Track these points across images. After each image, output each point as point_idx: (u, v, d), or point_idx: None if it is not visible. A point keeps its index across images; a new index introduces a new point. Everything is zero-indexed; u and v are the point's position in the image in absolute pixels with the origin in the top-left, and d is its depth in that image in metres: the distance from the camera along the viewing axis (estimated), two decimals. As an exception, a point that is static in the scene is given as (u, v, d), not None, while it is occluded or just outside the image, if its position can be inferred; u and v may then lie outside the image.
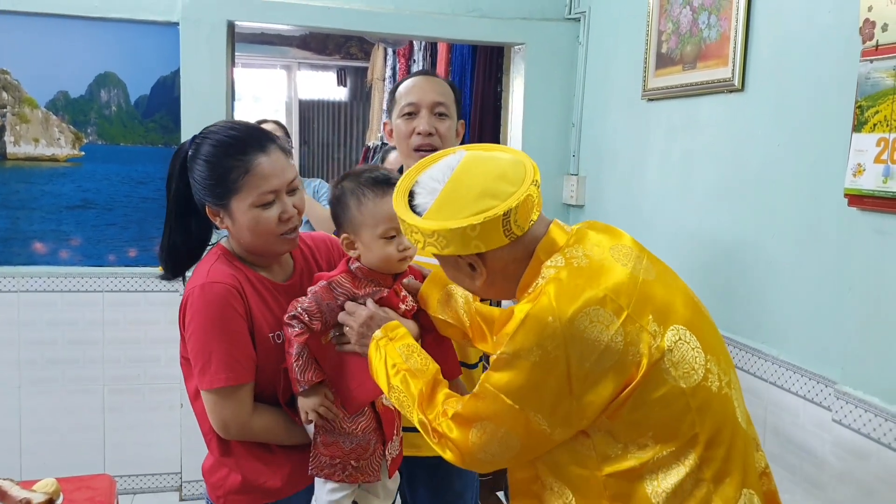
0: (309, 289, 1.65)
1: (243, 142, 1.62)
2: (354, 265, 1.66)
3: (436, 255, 1.38)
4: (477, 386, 1.33)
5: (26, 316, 3.19)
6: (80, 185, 3.23)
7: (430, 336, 1.71)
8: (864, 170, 1.76)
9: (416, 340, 1.61)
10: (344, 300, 1.62)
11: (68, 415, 3.26)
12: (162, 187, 3.36)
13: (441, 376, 1.50)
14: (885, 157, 1.71)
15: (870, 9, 1.75)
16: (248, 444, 1.67)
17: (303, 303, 1.61)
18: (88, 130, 3.23)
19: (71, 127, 3.21)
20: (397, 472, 1.80)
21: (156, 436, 3.34)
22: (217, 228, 1.70)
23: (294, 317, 1.59)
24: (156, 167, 3.27)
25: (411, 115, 2.01)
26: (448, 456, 1.37)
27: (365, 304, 1.63)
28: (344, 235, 1.66)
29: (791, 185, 2.13)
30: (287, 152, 1.68)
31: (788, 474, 2.11)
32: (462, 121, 2.11)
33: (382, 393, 1.56)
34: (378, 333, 1.54)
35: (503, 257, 1.36)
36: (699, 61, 2.52)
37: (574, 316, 1.23)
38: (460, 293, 1.72)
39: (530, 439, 1.30)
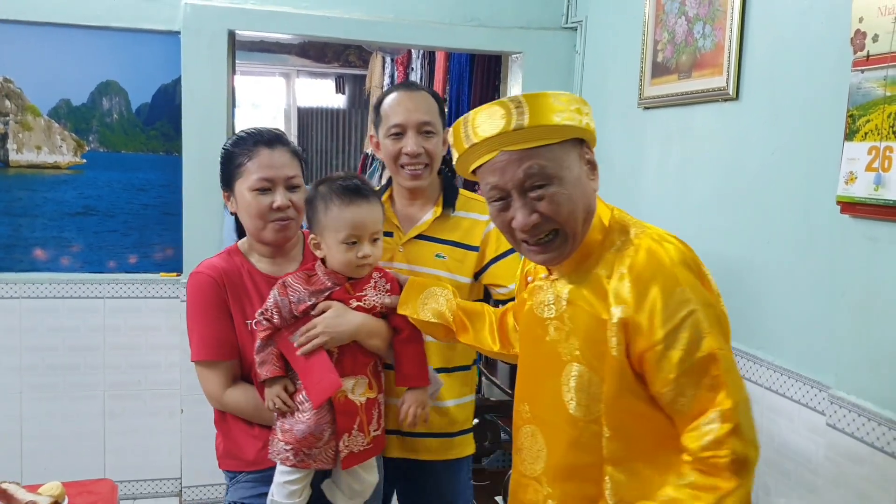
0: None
1: (255, 137, 1.87)
2: (319, 265, 1.80)
3: (548, 157, 1.33)
4: (700, 373, 1.25)
5: (28, 322, 3.21)
6: (81, 193, 3.26)
7: (400, 337, 1.82)
8: (856, 178, 1.79)
9: (387, 341, 1.77)
10: (297, 297, 1.74)
11: (69, 420, 3.28)
12: (163, 194, 3.40)
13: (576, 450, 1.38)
14: (876, 165, 1.74)
15: (861, 20, 1.78)
16: (233, 417, 1.88)
17: (267, 301, 1.75)
18: (90, 138, 3.26)
19: (73, 135, 3.24)
20: (371, 477, 1.84)
21: (156, 441, 3.36)
22: (232, 214, 1.93)
23: (259, 313, 1.75)
24: (157, 174, 3.30)
25: (398, 135, 2.04)
26: (751, 470, 1.25)
27: (315, 302, 1.74)
28: (312, 236, 1.79)
29: (785, 192, 2.16)
30: (297, 155, 1.90)
31: (784, 478, 2.13)
32: (448, 129, 2.13)
33: (341, 387, 1.69)
34: None
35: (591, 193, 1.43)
36: (694, 70, 2.55)
37: (691, 251, 1.39)
38: (442, 294, 1.82)
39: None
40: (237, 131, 1.97)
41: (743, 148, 2.34)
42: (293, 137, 7.88)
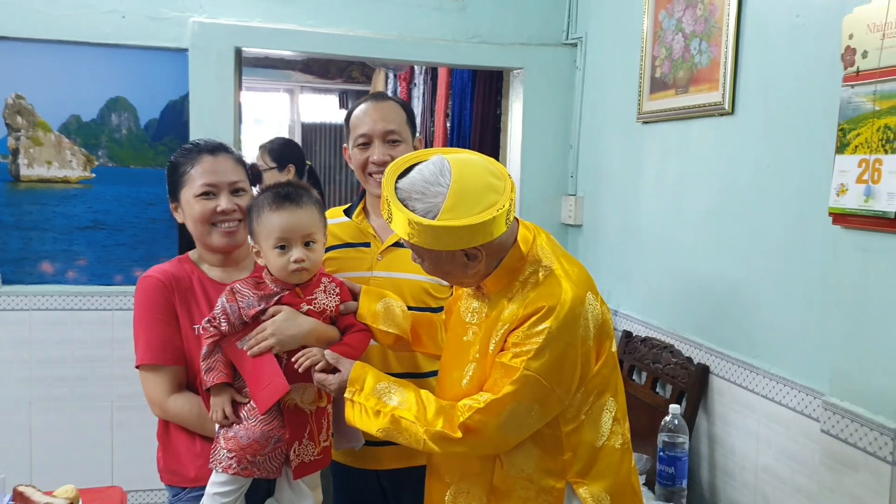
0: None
1: (198, 146, 1.94)
2: (266, 272, 1.80)
3: (426, 250, 1.54)
4: (505, 374, 1.54)
5: (37, 334, 3.25)
6: (90, 207, 3.31)
7: (352, 331, 1.84)
8: (847, 190, 1.84)
9: (334, 342, 1.79)
10: (246, 302, 1.74)
11: (78, 431, 3.31)
12: (170, 208, 3.43)
13: (425, 390, 1.68)
14: (866, 177, 1.79)
15: (851, 37, 1.84)
16: (176, 430, 1.86)
17: (215, 307, 1.75)
18: (99, 153, 3.32)
19: (83, 150, 3.29)
20: (316, 495, 1.84)
21: (163, 452, 3.39)
22: (180, 224, 1.97)
23: (207, 320, 1.74)
24: (164, 189, 3.31)
25: (365, 144, 2.09)
26: (474, 445, 1.58)
27: (265, 307, 1.76)
28: (251, 244, 1.81)
29: (779, 203, 2.21)
30: (241, 162, 1.95)
31: (781, 484, 2.17)
32: (420, 137, 2.18)
33: (288, 390, 1.69)
34: (346, 394, 1.66)
35: (497, 242, 1.55)
36: (691, 86, 2.61)
37: (584, 299, 1.57)
38: (397, 305, 1.91)
39: (549, 408, 1.56)
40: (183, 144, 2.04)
41: (738, 161, 2.39)
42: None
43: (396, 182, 1.55)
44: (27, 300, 3.23)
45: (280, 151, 3.70)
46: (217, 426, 1.75)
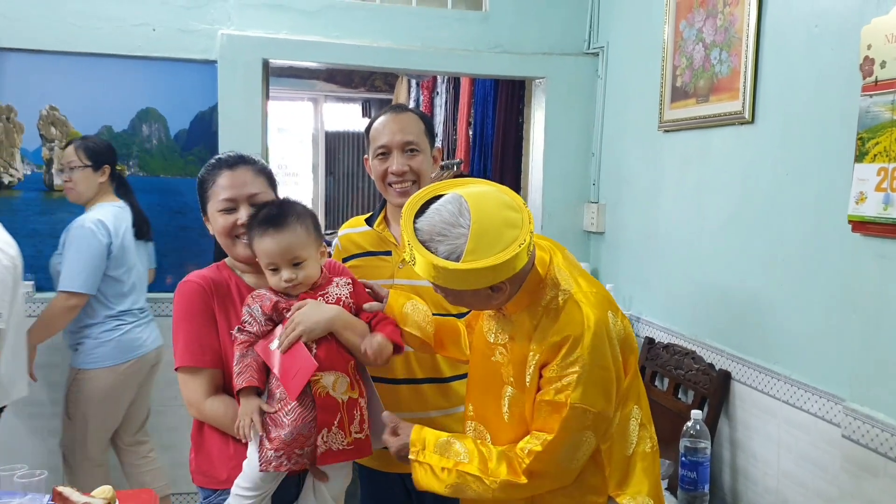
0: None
1: (220, 161, 1.96)
2: None
3: (450, 289, 1.59)
4: (553, 411, 1.57)
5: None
6: (122, 215, 3.39)
7: (376, 319, 1.89)
8: (866, 198, 1.86)
9: (362, 336, 1.82)
10: (265, 299, 1.81)
11: (108, 435, 3.38)
12: (200, 216, 3.49)
13: (481, 441, 1.71)
14: (885, 185, 1.81)
15: (869, 47, 1.86)
16: (210, 432, 1.88)
17: (242, 315, 1.82)
18: (130, 163, 3.40)
19: (114, 160, 3.38)
20: (337, 482, 1.88)
21: (191, 455, 3.44)
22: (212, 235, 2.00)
23: (237, 328, 1.81)
24: (194, 198, 3.31)
25: (384, 155, 2.14)
26: (541, 486, 1.62)
27: (284, 301, 1.82)
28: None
29: (798, 211, 2.23)
30: (262, 172, 1.97)
31: (801, 489, 2.19)
32: (439, 147, 2.22)
33: (316, 367, 1.73)
34: (411, 455, 1.69)
35: (521, 273, 1.58)
36: (712, 95, 2.64)
37: (606, 320, 1.59)
38: (422, 308, 1.94)
39: (600, 430, 1.60)
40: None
41: (758, 169, 2.42)
42: (321, 161, 8.03)
43: (415, 222, 1.58)
44: (60, 306, 3.30)
45: (97, 150, 3.18)
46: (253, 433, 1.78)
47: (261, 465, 1.74)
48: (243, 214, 1.89)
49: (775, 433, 2.29)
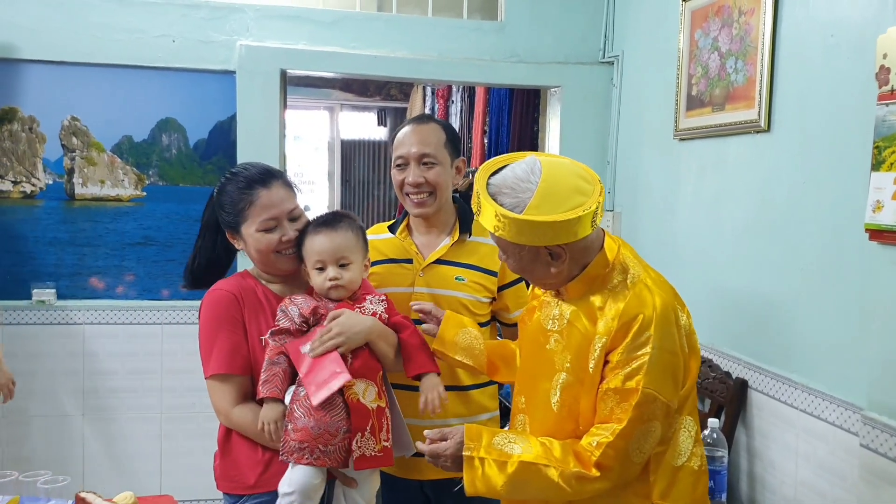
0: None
1: (250, 178, 1.94)
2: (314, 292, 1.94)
3: (511, 245, 1.58)
4: (623, 398, 1.54)
5: (90, 347, 3.37)
6: (141, 224, 3.43)
7: (404, 334, 1.95)
8: (883, 206, 1.86)
9: (394, 347, 1.90)
10: (302, 301, 1.87)
11: (127, 441, 3.42)
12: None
13: (553, 437, 1.66)
14: (902, 194, 1.81)
15: (885, 56, 1.86)
16: (238, 438, 1.91)
17: (277, 318, 1.87)
18: (150, 172, 3.44)
19: (134, 169, 3.42)
20: (367, 487, 1.90)
21: (210, 463, 3.46)
22: (237, 249, 2.01)
23: (270, 332, 1.86)
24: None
25: (402, 166, 2.17)
26: (610, 480, 1.57)
27: (318, 306, 1.87)
28: (303, 265, 1.94)
29: (815, 220, 2.23)
30: (290, 185, 1.99)
31: (819, 498, 2.18)
32: (463, 158, 2.25)
33: (351, 380, 1.76)
34: (465, 451, 1.62)
35: (582, 245, 1.59)
36: (727, 103, 2.64)
37: (675, 306, 1.60)
38: (475, 337, 1.97)
39: (666, 424, 1.58)
40: (234, 167, 2.06)
41: (774, 178, 2.42)
42: (336, 169, 8.07)
43: (489, 179, 1.63)
44: (80, 314, 3.36)
45: None
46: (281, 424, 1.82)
47: (281, 454, 1.78)
48: (287, 230, 1.92)
49: (793, 442, 2.29)
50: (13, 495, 1.98)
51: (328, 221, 1.92)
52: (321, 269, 1.88)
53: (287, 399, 1.83)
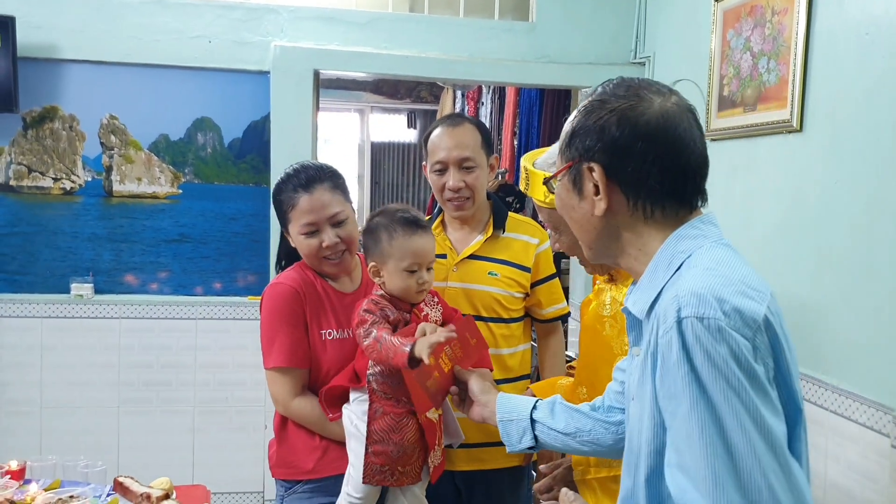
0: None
1: (294, 181, 1.96)
2: (378, 291, 1.88)
3: (561, 220, 1.50)
4: None
5: (126, 341, 3.44)
6: (177, 221, 3.50)
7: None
8: (916, 205, 1.85)
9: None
10: (398, 316, 1.82)
11: (161, 434, 3.48)
12: (252, 223, 3.59)
13: None
14: (935, 193, 1.81)
15: (919, 55, 1.86)
16: (295, 427, 1.96)
17: (361, 314, 1.81)
18: (186, 170, 3.51)
19: (170, 167, 3.49)
20: (422, 482, 1.93)
21: (240, 456, 3.53)
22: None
23: (361, 321, 1.79)
24: (247, 205, 3.52)
25: (441, 171, 2.19)
26: None
27: (402, 318, 1.83)
28: (372, 264, 1.87)
29: (847, 220, 2.22)
30: (338, 187, 1.97)
31: (850, 500, 2.16)
32: (496, 155, 2.27)
33: (433, 407, 1.76)
34: (576, 476, 1.70)
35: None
36: (759, 104, 2.64)
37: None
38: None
39: None
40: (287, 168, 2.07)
41: (806, 178, 2.41)
42: (366, 171, 8.13)
43: (535, 160, 1.69)
44: (117, 309, 3.43)
45: None
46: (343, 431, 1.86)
47: (364, 478, 1.80)
48: (327, 237, 1.93)
49: (823, 444, 2.28)
50: (54, 478, 2.05)
51: (418, 222, 1.86)
52: (413, 272, 1.83)
53: (346, 414, 1.88)
